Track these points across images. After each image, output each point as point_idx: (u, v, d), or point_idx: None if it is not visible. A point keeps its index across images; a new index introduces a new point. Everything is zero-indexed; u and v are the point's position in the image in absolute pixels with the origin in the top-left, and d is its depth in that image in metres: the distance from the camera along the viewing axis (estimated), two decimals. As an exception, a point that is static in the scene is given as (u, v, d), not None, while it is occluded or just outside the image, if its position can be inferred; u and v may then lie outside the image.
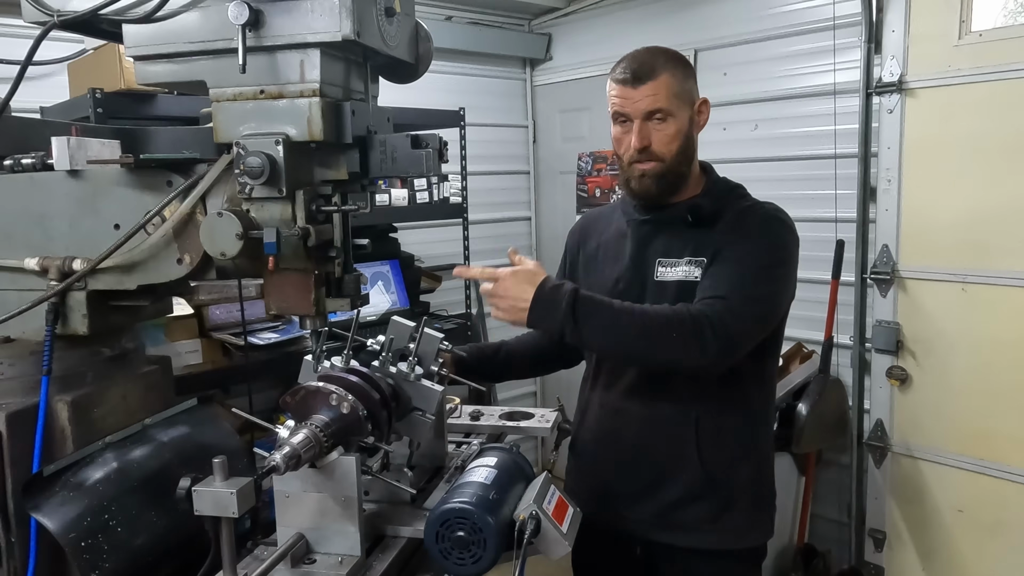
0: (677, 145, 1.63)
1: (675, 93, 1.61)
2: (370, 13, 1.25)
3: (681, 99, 1.63)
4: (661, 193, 1.67)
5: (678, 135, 1.63)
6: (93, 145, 1.41)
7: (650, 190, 1.66)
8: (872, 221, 2.93)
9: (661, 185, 1.66)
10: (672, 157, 1.64)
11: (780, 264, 1.62)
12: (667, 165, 1.64)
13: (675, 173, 1.66)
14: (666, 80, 1.60)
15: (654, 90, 1.60)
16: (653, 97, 1.60)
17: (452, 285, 3.78)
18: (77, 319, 1.41)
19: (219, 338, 2.49)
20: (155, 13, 1.23)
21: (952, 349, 2.75)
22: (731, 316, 1.51)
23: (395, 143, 1.31)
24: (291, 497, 1.27)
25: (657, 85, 1.60)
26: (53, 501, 1.27)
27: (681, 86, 1.63)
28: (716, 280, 1.58)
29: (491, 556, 1.23)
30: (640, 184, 1.66)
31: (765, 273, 1.59)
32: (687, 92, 1.64)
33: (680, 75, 1.63)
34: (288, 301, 1.34)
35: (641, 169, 1.64)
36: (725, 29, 3.37)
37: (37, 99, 2.53)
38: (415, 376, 1.46)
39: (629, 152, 1.64)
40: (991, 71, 2.55)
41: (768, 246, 1.62)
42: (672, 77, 1.61)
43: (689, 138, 1.66)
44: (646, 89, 1.60)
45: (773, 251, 1.62)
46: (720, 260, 1.60)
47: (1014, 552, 2.66)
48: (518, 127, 4.32)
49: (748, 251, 1.60)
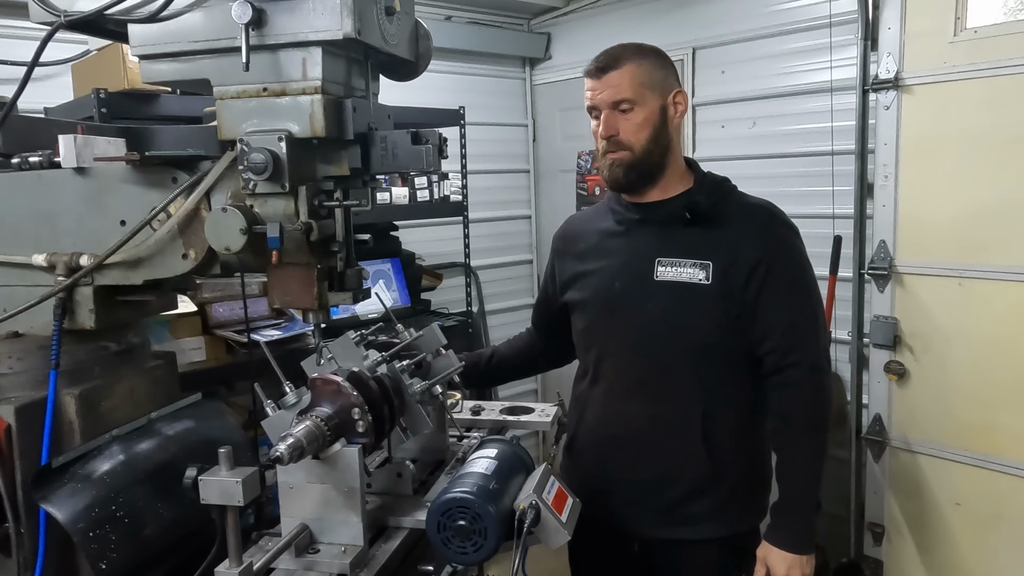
0: (646, 134, 1.65)
1: (641, 82, 1.63)
2: (371, 12, 1.27)
3: (649, 88, 1.64)
4: (632, 183, 1.69)
5: (646, 124, 1.64)
6: (99, 143, 1.43)
7: (619, 179, 1.68)
8: (869, 217, 2.94)
9: (631, 175, 1.67)
10: (642, 146, 1.65)
11: (810, 270, 1.71)
12: (636, 155, 1.65)
13: (646, 163, 1.67)
14: (630, 69, 1.63)
15: (618, 79, 1.63)
16: (617, 87, 1.63)
17: (453, 283, 3.80)
18: (84, 314, 1.43)
19: (222, 335, 2.51)
20: (160, 13, 1.25)
21: (949, 344, 2.76)
22: (818, 365, 1.69)
23: (396, 139, 1.33)
24: (295, 488, 1.29)
25: (620, 75, 1.63)
26: (62, 492, 1.29)
27: (649, 76, 1.64)
28: (781, 329, 1.65)
29: (492, 545, 1.25)
30: (611, 173, 1.68)
31: (809, 289, 1.70)
32: (656, 82, 1.66)
33: (648, 65, 1.65)
34: (291, 295, 1.36)
35: (611, 158, 1.67)
36: (723, 27, 3.39)
37: (41, 100, 2.55)
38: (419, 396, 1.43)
39: (601, 143, 1.67)
40: (986, 68, 2.56)
41: (799, 261, 1.70)
42: (638, 67, 1.64)
43: (660, 128, 1.66)
44: (610, 79, 1.63)
45: (804, 264, 1.70)
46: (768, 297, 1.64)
47: (1011, 545, 2.67)
48: (518, 126, 4.34)
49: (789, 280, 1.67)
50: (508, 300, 4.27)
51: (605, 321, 1.76)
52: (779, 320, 1.64)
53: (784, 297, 1.64)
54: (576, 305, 1.83)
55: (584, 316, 1.81)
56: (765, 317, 1.64)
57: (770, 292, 1.63)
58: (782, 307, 1.64)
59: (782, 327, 1.63)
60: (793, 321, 1.64)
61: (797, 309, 1.65)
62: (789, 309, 1.64)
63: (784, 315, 1.64)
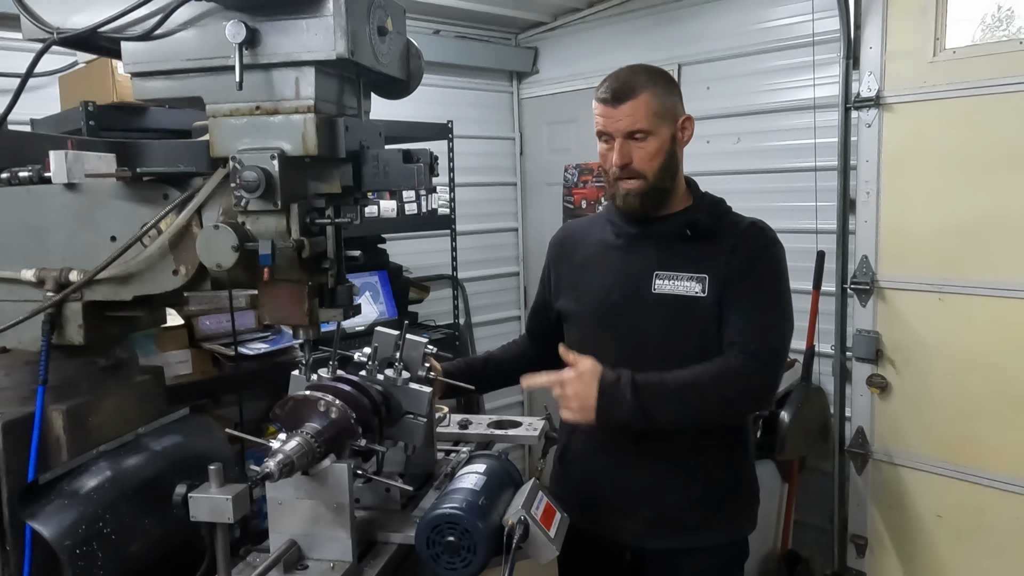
0: (659, 162, 1.68)
1: (655, 112, 1.66)
2: (363, 32, 1.28)
3: (661, 117, 1.67)
4: (646, 210, 1.73)
5: (659, 152, 1.67)
6: (90, 159, 1.43)
7: (635, 208, 1.72)
8: (852, 232, 2.99)
9: (646, 203, 1.71)
10: (654, 174, 1.68)
11: (787, 285, 1.73)
12: (650, 182, 1.69)
13: (658, 189, 1.71)
14: (646, 99, 1.65)
15: (633, 110, 1.64)
16: (632, 117, 1.65)
17: (440, 295, 3.81)
18: (73, 329, 1.43)
19: (209, 348, 2.50)
20: (154, 31, 1.26)
21: (930, 358, 2.81)
22: (769, 355, 1.65)
23: (387, 158, 1.34)
24: (284, 504, 1.30)
25: (636, 104, 1.64)
26: (48, 509, 1.29)
27: (662, 104, 1.67)
28: (744, 320, 1.66)
29: (480, 561, 1.26)
30: (625, 203, 1.71)
31: (780, 300, 1.70)
32: (668, 110, 1.69)
33: (661, 93, 1.68)
34: (282, 311, 1.36)
35: (626, 188, 1.70)
36: (708, 44, 3.44)
37: (28, 111, 2.53)
38: (402, 381, 1.49)
39: (613, 170, 1.70)
40: (964, 87, 2.62)
41: (778, 273, 1.71)
42: (652, 96, 1.66)
43: (671, 155, 1.70)
44: (626, 109, 1.65)
45: (782, 278, 1.72)
46: (738, 297, 1.66)
47: (991, 556, 2.71)
48: (505, 139, 4.36)
49: (763, 285, 1.68)
50: (495, 312, 4.28)
51: (600, 332, 1.77)
52: (745, 318, 1.65)
53: (754, 299, 1.66)
54: (570, 315, 1.85)
55: (578, 326, 1.83)
56: (733, 314, 1.66)
57: (741, 293, 1.66)
58: (750, 307, 1.66)
59: (748, 324, 1.65)
60: (757, 321, 1.66)
61: (764, 311, 1.67)
62: (755, 310, 1.66)
63: (751, 314, 1.66)
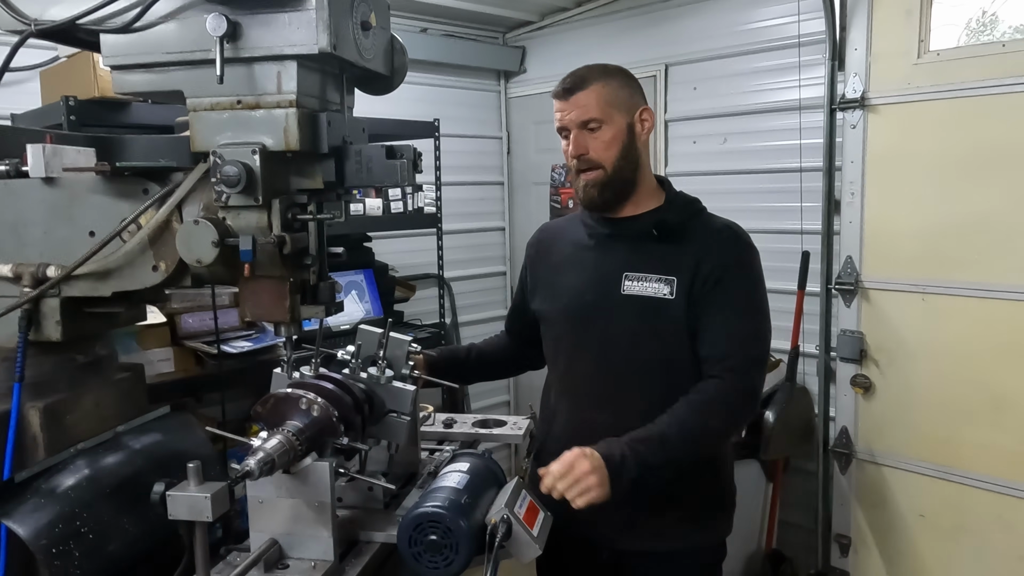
0: (615, 151, 1.68)
1: (607, 101, 1.67)
2: (347, 26, 1.27)
3: (615, 107, 1.68)
4: (607, 202, 1.72)
5: (614, 141, 1.68)
6: (69, 153, 1.41)
7: (595, 199, 1.71)
8: (836, 233, 3.00)
9: (606, 194, 1.71)
10: (612, 164, 1.69)
11: (762, 290, 1.72)
12: (608, 173, 1.69)
13: (619, 180, 1.70)
14: (597, 89, 1.66)
15: (585, 100, 1.66)
16: (584, 107, 1.66)
17: (427, 295, 3.79)
18: (51, 326, 1.41)
19: (191, 346, 2.48)
20: (134, 23, 1.24)
21: (913, 358, 2.82)
22: (746, 372, 1.65)
23: (370, 153, 1.33)
24: (264, 503, 1.28)
25: (587, 95, 1.66)
26: (24, 508, 1.27)
27: (615, 94, 1.68)
28: (718, 333, 1.65)
29: (463, 559, 1.25)
30: (586, 194, 1.72)
31: (755, 307, 1.70)
32: (623, 100, 1.69)
33: (615, 84, 1.69)
34: (263, 308, 1.35)
35: (585, 179, 1.70)
36: (695, 45, 3.45)
37: (8, 106, 2.51)
38: (386, 379, 1.48)
39: (572, 162, 1.71)
40: (948, 89, 2.64)
41: (752, 279, 1.71)
42: (604, 86, 1.67)
43: (629, 145, 1.70)
44: (578, 99, 1.66)
45: (757, 283, 1.72)
46: (713, 308, 1.65)
47: (974, 556, 2.73)
48: (492, 138, 4.35)
49: (737, 293, 1.67)
50: (481, 311, 4.27)
51: (573, 333, 1.78)
52: (720, 329, 1.65)
53: (730, 309, 1.66)
54: (545, 316, 1.85)
55: (553, 327, 1.84)
56: (708, 326, 1.66)
57: (717, 303, 1.65)
58: (725, 317, 1.66)
59: (722, 335, 1.65)
60: (733, 332, 1.66)
61: (740, 322, 1.67)
62: (732, 320, 1.66)
63: (725, 325, 1.65)
